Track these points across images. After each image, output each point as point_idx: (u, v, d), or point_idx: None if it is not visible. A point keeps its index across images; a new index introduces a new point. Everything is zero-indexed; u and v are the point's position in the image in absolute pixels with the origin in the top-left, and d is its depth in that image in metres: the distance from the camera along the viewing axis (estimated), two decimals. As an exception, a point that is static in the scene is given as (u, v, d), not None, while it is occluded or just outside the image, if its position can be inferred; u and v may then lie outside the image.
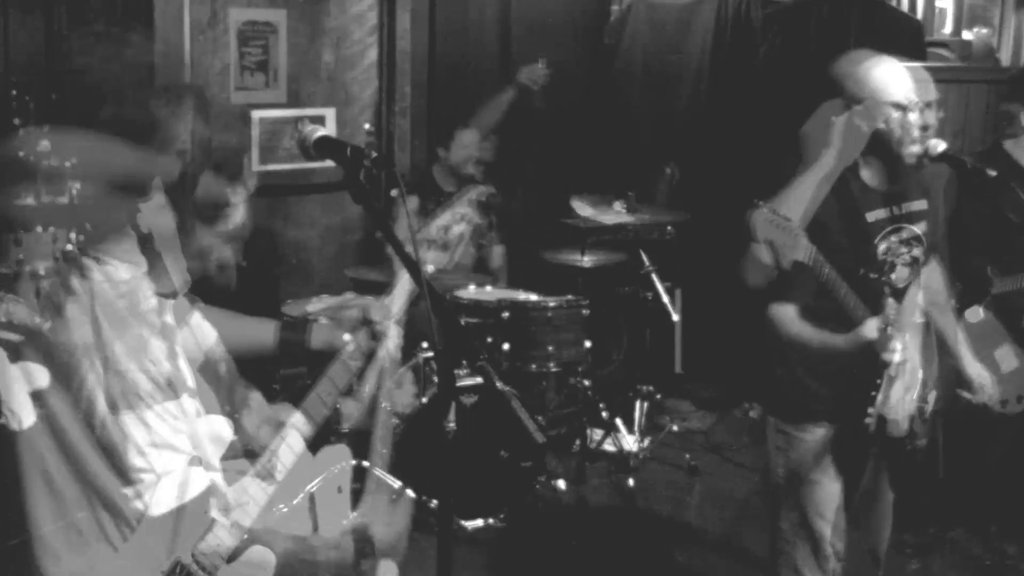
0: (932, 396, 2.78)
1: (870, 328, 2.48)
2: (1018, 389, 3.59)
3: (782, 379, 2.84)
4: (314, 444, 2.06)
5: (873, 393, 2.58)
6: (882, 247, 2.66)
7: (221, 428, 1.94)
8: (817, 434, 2.77)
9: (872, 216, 2.66)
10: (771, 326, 2.66)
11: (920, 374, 2.71)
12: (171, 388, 1.81)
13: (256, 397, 2.06)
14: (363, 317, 2.08)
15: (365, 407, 2.23)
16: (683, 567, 4.07)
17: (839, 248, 2.59)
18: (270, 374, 3.60)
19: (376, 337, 2.07)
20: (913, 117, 2.57)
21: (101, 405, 1.70)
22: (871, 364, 2.57)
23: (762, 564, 3.01)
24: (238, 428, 1.98)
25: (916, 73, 2.67)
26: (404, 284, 2.12)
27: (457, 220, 2.17)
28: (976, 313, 3.31)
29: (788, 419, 2.83)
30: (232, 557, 1.80)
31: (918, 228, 2.72)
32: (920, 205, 2.74)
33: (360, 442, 2.18)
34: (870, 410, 2.59)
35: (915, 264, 2.72)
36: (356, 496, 2.10)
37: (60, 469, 1.70)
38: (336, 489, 2.02)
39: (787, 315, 2.64)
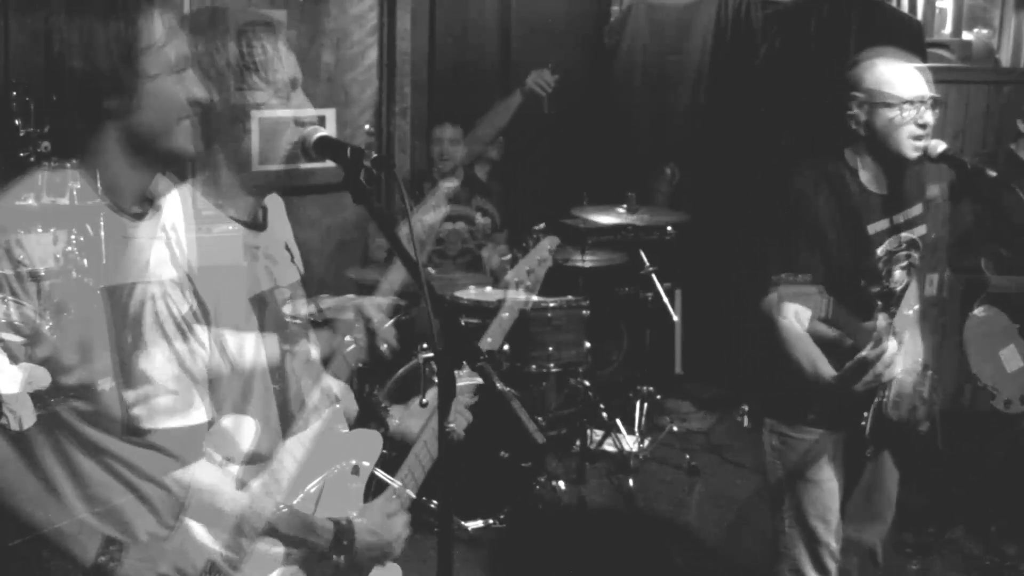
0: (929, 378, 2.77)
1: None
2: (1022, 389, 3.58)
3: (779, 381, 2.84)
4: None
5: (876, 399, 2.58)
6: (880, 252, 2.66)
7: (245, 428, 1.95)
8: (814, 435, 2.77)
9: (873, 228, 2.65)
10: (779, 344, 2.64)
11: (919, 359, 2.70)
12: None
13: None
14: (359, 315, 2.11)
15: (415, 419, 2.23)
16: (683, 567, 4.07)
17: (839, 256, 2.59)
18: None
19: (372, 334, 2.12)
20: (908, 115, 2.57)
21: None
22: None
23: (762, 565, 3.01)
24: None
25: (915, 71, 2.67)
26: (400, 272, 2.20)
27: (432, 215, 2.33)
28: (981, 311, 3.30)
29: (784, 420, 2.83)
30: None
31: (915, 233, 2.72)
32: (918, 210, 2.74)
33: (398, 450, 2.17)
34: (865, 413, 2.59)
35: (911, 268, 2.72)
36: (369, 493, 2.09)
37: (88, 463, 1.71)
38: (353, 468, 2.02)
39: (795, 333, 2.61)
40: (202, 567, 1.78)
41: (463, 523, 4.06)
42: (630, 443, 4.92)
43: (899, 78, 2.60)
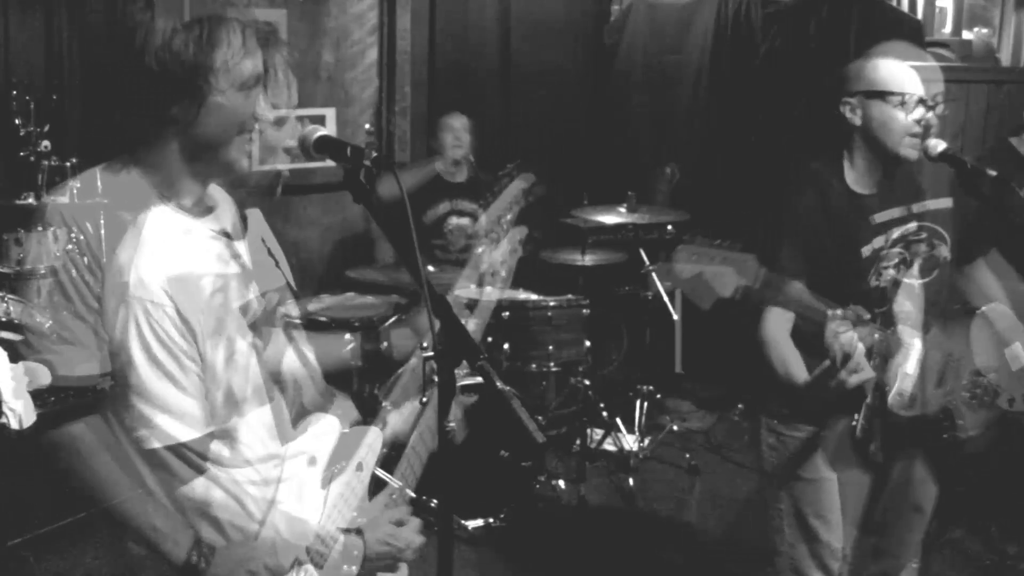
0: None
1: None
2: None
3: (773, 378, 2.83)
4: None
5: (867, 399, 2.57)
6: (867, 251, 2.64)
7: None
8: (808, 433, 2.76)
9: (860, 227, 2.64)
10: (761, 347, 2.63)
11: (931, 355, 2.67)
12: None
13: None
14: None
15: (407, 422, 2.24)
16: (683, 567, 4.07)
17: (824, 256, 2.58)
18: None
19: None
20: (904, 114, 2.55)
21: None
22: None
23: (762, 564, 3.01)
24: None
25: (923, 71, 2.64)
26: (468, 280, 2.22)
27: (506, 210, 2.31)
28: (987, 309, 3.28)
29: (780, 419, 2.82)
30: None
31: (909, 228, 2.70)
32: (902, 211, 2.72)
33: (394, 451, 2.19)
34: (856, 414, 2.57)
35: (903, 264, 2.69)
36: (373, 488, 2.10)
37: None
38: (357, 466, 2.03)
39: (771, 335, 2.61)
40: (291, 564, 1.81)
41: (463, 523, 4.06)
42: (630, 442, 4.92)
43: (900, 73, 2.58)
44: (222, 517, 1.79)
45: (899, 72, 2.58)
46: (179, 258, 1.75)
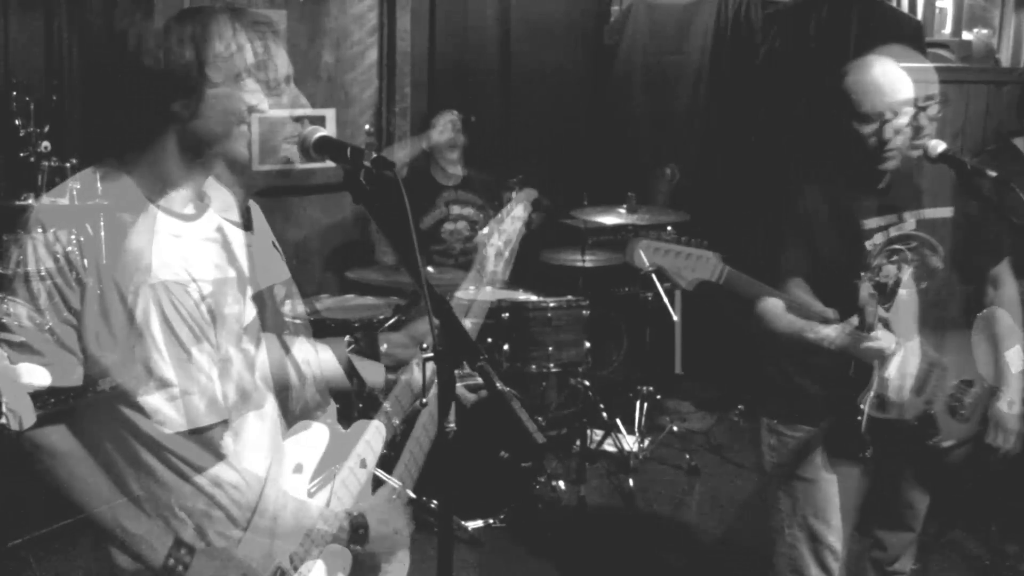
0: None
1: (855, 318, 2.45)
2: None
3: (774, 378, 2.84)
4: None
5: (871, 394, 2.57)
6: (869, 247, 2.65)
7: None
8: (810, 433, 2.76)
9: (863, 224, 2.65)
10: (759, 322, 2.63)
11: (914, 363, 2.67)
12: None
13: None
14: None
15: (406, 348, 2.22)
16: (683, 568, 4.07)
17: (827, 251, 2.58)
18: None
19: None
20: (881, 130, 2.55)
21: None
22: (862, 363, 2.56)
23: (762, 564, 3.01)
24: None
25: (916, 73, 2.64)
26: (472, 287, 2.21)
27: (510, 226, 2.30)
28: (987, 311, 3.28)
29: (781, 419, 2.83)
30: None
31: (908, 228, 2.70)
32: (910, 207, 2.72)
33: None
34: (862, 406, 2.58)
35: (902, 263, 2.70)
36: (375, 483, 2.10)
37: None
38: (360, 462, 2.02)
39: (775, 309, 2.61)
40: (271, 573, 1.80)
41: (463, 523, 4.06)
42: (630, 443, 4.92)
43: (873, 88, 2.55)
44: (224, 502, 1.78)
45: (877, 87, 2.56)
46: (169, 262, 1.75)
